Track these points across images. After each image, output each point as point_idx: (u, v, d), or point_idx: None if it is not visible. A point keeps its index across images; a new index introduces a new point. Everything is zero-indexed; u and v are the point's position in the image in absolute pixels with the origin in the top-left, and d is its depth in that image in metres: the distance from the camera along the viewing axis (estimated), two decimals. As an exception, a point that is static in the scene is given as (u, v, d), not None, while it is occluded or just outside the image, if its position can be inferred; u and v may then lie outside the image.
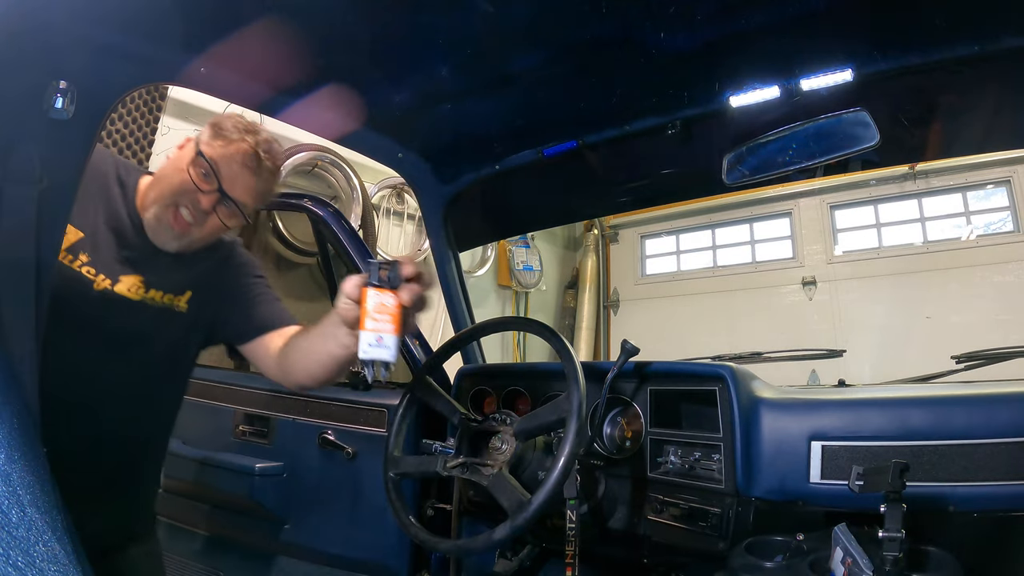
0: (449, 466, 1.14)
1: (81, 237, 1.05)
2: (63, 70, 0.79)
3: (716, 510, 1.17)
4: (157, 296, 1.12)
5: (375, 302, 0.82)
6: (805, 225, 5.02)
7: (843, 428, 1.10)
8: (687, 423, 1.31)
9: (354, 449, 1.67)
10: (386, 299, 0.83)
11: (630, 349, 1.26)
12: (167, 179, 1.09)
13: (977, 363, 1.45)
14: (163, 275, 1.13)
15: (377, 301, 0.82)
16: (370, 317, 0.81)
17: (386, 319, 0.82)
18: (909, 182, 4.54)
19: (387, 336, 0.82)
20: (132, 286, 1.09)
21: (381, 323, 0.82)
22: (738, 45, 1.09)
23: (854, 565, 0.86)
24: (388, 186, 4.05)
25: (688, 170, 1.51)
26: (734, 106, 1.23)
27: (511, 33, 1.06)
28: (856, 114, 1.15)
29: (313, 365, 1.08)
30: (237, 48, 0.99)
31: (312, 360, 1.07)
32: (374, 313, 0.81)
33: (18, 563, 0.33)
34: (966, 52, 1.04)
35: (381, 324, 0.82)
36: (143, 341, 1.11)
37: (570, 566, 1.13)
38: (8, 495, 0.36)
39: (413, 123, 1.40)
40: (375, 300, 0.82)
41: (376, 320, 0.81)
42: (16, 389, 0.47)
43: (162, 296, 1.13)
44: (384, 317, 0.82)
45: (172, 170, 1.09)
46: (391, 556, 1.62)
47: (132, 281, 1.09)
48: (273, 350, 1.18)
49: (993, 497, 0.98)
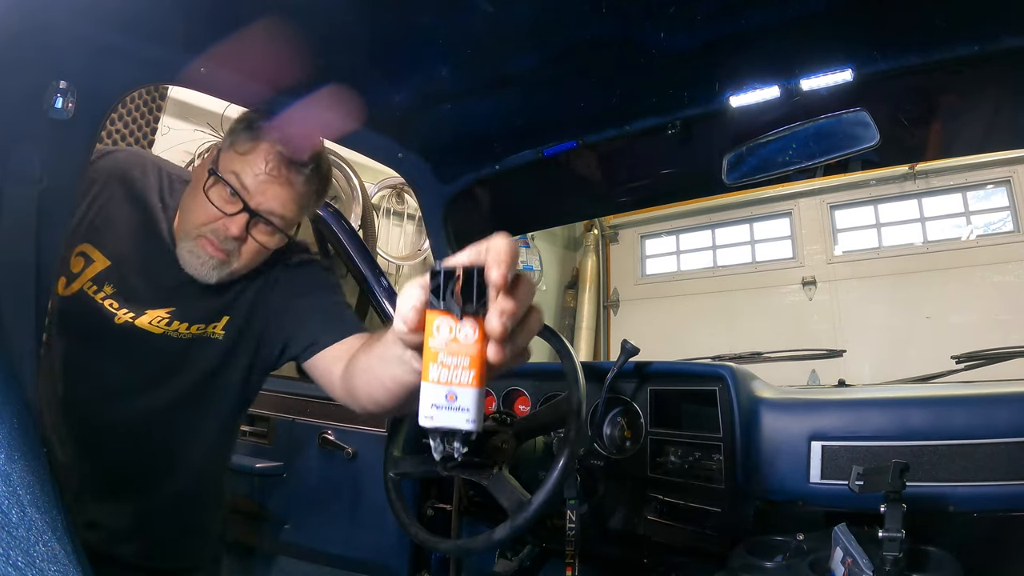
0: (449, 466, 1.14)
1: (107, 266, 0.97)
2: (63, 70, 0.79)
3: (716, 510, 1.17)
4: (182, 328, 1.00)
5: (444, 337, 0.49)
6: (805, 225, 5.02)
7: (843, 428, 1.10)
8: (687, 423, 1.31)
9: (354, 449, 1.67)
10: (463, 331, 0.49)
11: (630, 349, 1.26)
12: (189, 208, 0.97)
13: (977, 363, 1.45)
14: (193, 305, 1.01)
15: (447, 336, 0.49)
16: (437, 362, 0.49)
17: (462, 364, 0.49)
18: (909, 182, 4.54)
19: (464, 392, 0.49)
20: (155, 319, 0.98)
21: (454, 371, 0.50)
22: (738, 45, 1.08)
23: (854, 565, 0.86)
24: (388, 186, 4.05)
25: (688, 170, 1.51)
26: (734, 106, 1.23)
27: (511, 33, 1.05)
28: (856, 114, 1.15)
29: (378, 391, 0.81)
30: (237, 48, 0.99)
31: (376, 385, 0.81)
32: (444, 355, 0.49)
33: (18, 563, 0.33)
34: (966, 52, 1.04)
35: (454, 372, 0.50)
36: (171, 373, 1.01)
37: (570, 566, 1.13)
38: (8, 495, 0.36)
39: (413, 123, 1.39)
40: (445, 334, 0.49)
41: (446, 366, 0.49)
42: (16, 389, 0.47)
43: (188, 327, 1.01)
44: (459, 361, 0.49)
45: (192, 195, 0.97)
46: (391, 556, 1.62)
47: (156, 314, 0.99)
48: (336, 369, 0.96)
49: (993, 497, 0.98)
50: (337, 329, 1.01)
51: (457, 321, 0.48)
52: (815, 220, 4.98)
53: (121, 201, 1.00)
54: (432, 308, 0.48)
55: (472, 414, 0.49)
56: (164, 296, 0.99)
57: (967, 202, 4.44)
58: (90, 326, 0.95)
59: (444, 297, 0.48)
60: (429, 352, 0.49)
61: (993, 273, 4.17)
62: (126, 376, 0.98)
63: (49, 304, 0.78)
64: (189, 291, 1.00)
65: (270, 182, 0.93)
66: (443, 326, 0.49)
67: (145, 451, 1.01)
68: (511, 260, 0.46)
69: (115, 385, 0.98)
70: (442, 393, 0.49)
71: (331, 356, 0.98)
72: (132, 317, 0.97)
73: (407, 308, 0.50)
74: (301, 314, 1.04)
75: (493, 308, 0.47)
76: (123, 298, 0.97)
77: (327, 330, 1.01)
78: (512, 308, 0.46)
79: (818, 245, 4.94)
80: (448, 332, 0.49)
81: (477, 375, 0.48)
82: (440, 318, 0.48)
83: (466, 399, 0.49)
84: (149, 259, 0.99)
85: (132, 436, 0.99)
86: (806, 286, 4.90)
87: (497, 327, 0.46)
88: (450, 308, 0.48)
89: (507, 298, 0.47)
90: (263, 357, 1.08)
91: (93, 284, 0.95)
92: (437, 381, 0.49)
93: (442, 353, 0.49)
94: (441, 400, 0.49)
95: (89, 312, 0.94)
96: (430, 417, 0.49)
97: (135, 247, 0.98)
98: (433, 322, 0.49)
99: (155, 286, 0.99)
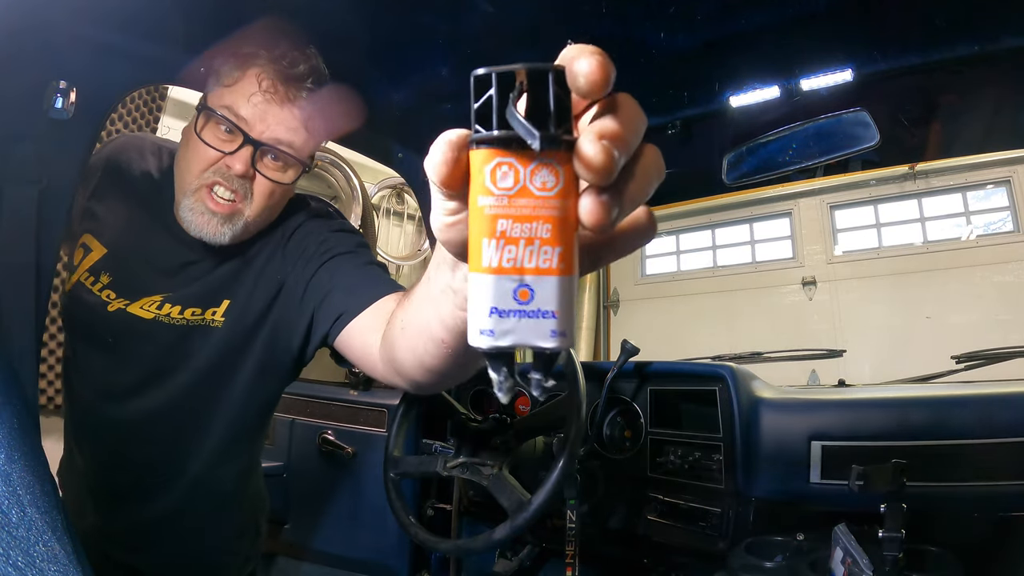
0: (449, 466, 1.14)
1: (104, 254, 0.90)
2: (63, 70, 0.79)
3: (716, 510, 1.17)
4: (174, 312, 0.88)
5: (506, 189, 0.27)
6: (805, 225, 5.02)
7: (843, 428, 1.10)
8: (687, 423, 1.31)
9: (354, 449, 1.67)
10: (538, 176, 0.27)
11: (630, 349, 1.26)
12: (184, 161, 0.85)
13: (977, 363, 1.45)
14: (188, 286, 0.90)
15: (510, 186, 0.27)
16: (496, 234, 0.27)
17: (540, 232, 0.27)
18: (909, 182, 4.55)
19: (544, 282, 0.27)
20: (147, 303, 0.89)
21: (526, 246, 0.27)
22: (738, 45, 1.08)
23: (854, 565, 0.86)
24: (388, 186, 4.05)
25: (688, 170, 1.51)
26: (734, 106, 1.23)
27: (511, 33, 1.05)
28: (856, 114, 1.15)
29: (427, 351, 0.56)
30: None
31: (422, 343, 0.56)
32: (506, 221, 0.27)
33: (18, 563, 0.33)
34: (966, 52, 1.04)
35: (527, 250, 0.27)
36: (165, 367, 0.90)
37: (570, 566, 1.13)
38: (8, 495, 0.36)
39: (413, 123, 1.39)
40: (506, 183, 0.27)
41: (511, 240, 0.27)
42: (16, 389, 0.47)
43: (181, 312, 0.89)
44: (535, 228, 0.27)
45: (185, 147, 0.86)
46: (391, 556, 1.62)
47: (150, 299, 0.89)
48: (373, 340, 0.76)
49: (993, 497, 0.98)
50: (368, 291, 0.81)
51: (528, 160, 0.27)
52: (815, 220, 4.98)
53: (118, 186, 0.95)
54: (481, 143, 0.27)
55: (561, 320, 0.28)
56: (161, 280, 0.90)
57: (967, 202, 4.44)
58: (86, 318, 0.90)
59: (498, 120, 0.27)
60: (481, 218, 0.27)
61: (993, 273, 4.17)
62: (119, 371, 0.90)
63: (50, 302, 0.78)
64: (186, 272, 0.90)
65: (269, 104, 0.80)
66: (503, 170, 0.27)
67: (137, 460, 0.93)
68: (603, 53, 0.28)
69: (109, 382, 0.91)
70: (509, 288, 0.27)
71: (365, 326, 0.79)
72: (125, 304, 0.88)
73: (437, 148, 0.28)
74: (322, 283, 0.86)
75: (589, 129, 0.27)
76: (119, 286, 0.89)
77: (355, 293, 0.82)
78: (619, 129, 0.27)
79: (818, 245, 4.94)
80: (512, 179, 0.27)
81: (566, 251, 0.27)
82: (497, 157, 0.27)
83: (548, 294, 0.27)
84: (146, 242, 0.90)
85: (123, 442, 0.91)
86: (806, 286, 4.90)
87: (597, 152, 0.26)
88: (511, 138, 0.27)
89: (610, 117, 0.28)
90: (281, 348, 0.91)
91: (90, 275, 0.90)
92: (498, 268, 0.27)
93: (503, 217, 0.27)
94: (507, 300, 0.27)
95: (86, 304, 0.89)
96: (489, 331, 0.28)
97: (131, 231, 0.90)
98: (486, 166, 0.27)
99: (152, 270, 0.90)
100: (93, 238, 0.93)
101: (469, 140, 0.28)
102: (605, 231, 0.28)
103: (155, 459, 0.94)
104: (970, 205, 4.44)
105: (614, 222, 0.28)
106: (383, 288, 0.81)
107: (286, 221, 0.93)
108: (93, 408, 0.93)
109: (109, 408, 0.91)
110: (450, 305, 0.45)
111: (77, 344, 0.94)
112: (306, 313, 0.88)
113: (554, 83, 0.27)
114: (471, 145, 0.28)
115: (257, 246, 0.91)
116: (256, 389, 0.94)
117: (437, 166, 0.28)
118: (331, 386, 1.84)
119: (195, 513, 0.98)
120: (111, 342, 0.89)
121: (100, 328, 0.89)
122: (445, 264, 0.41)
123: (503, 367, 0.30)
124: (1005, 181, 4.28)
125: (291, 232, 0.92)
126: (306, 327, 0.89)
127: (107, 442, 0.94)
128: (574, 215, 0.28)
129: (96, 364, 0.92)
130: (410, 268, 4.23)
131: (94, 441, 0.95)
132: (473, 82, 0.28)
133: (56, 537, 0.37)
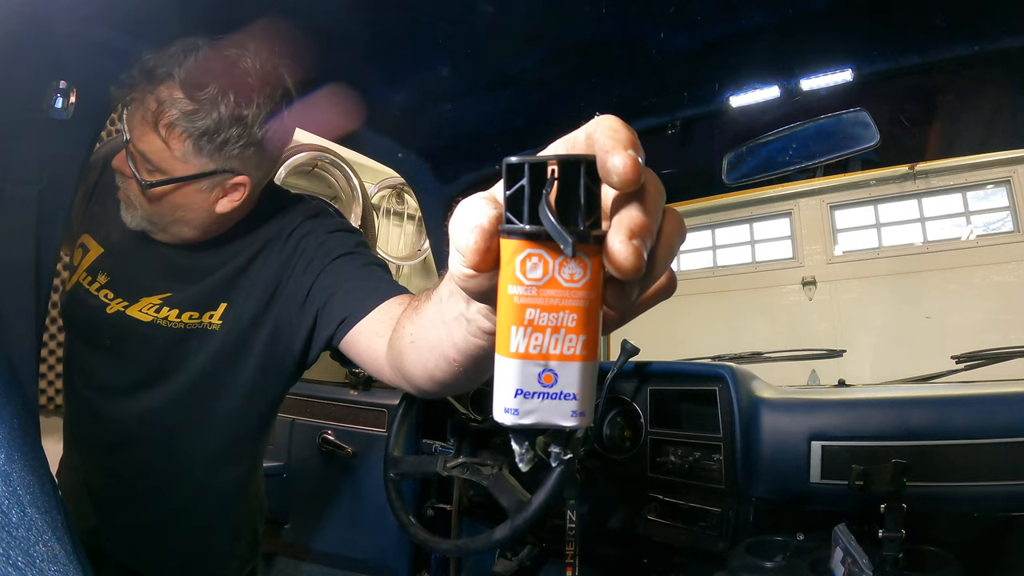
0: (449, 466, 1.14)
1: (101, 254, 0.90)
2: (63, 70, 0.79)
3: (716, 510, 1.17)
4: (172, 316, 0.89)
5: (535, 280, 0.28)
6: (805, 225, 5.03)
7: (843, 428, 1.10)
8: (687, 423, 1.31)
9: (354, 449, 1.67)
10: (567, 269, 0.28)
11: (630, 349, 1.26)
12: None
13: (977, 363, 1.45)
14: (185, 290, 0.90)
15: (540, 278, 0.28)
16: (524, 322, 0.28)
17: (566, 322, 0.28)
18: (909, 182, 4.55)
19: (568, 369, 0.29)
20: (146, 306, 0.89)
21: (552, 335, 0.28)
22: (738, 45, 1.08)
23: (854, 565, 0.86)
24: (388, 186, 4.05)
25: (688, 170, 1.51)
26: (734, 106, 1.23)
27: (511, 33, 1.05)
28: (856, 114, 1.15)
29: (436, 366, 0.59)
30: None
31: (433, 359, 0.58)
32: (535, 311, 0.28)
33: (18, 563, 0.33)
34: (966, 52, 1.04)
35: (553, 338, 0.28)
36: (164, 369, 0.90)
37: (570, 566, 1.13)
38: (8, 495, 0.36)
39: (413, 123, 1.39)
40: (536, 275, 0.28)
41: (539, 328, 0.28)
42: (16, 389, 0.47)
43: (179, 315, 0.89)
44: (561, 318, 0.28)
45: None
46: (391, 556, 1.62)
47: (149, 301, 0.89)
48: (379, 345, 0.76)
49: (993, 497, 0.98)
50: (371, 294, 0.80)
51: (558, 253, 0.28)
52: (815, 220, 4.99)
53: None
54: (511, 233, 0.28)
55: (582, 401, 0.29)
56: (158, 282, 0.89)
57: (967, 202, 4.45)
58: (85, 319, 0.91)
59: (530, 213, 0.28)
60: (510, 306, 0.28)
61: (993, 273, 4.17)
62: (118, 372, 0.91)
63: (50, 302, 0.78)
64: (181, 274, 0.90)
65: (135, 115, 0.79)
66: (533, 261, 0.28)
67: (137, 461, 0.93)
68: (635, 142, 0.28)
69: (108, 382, 0.92)
70: (534, 372, 0.29)
71: (370, 330, 0.78)
72: (124, 306, 0.88)
73: (468, 232, 0.29)
74: (324, 285, 0.85)
75: (617, 224, 0.28)
76: (116, 286, 0.89)
77: (359, 297, 0.81)
78: (645, 221, 0.28)
79: (818, 245, 4.94)
80: (542, 271, 0.28)
81: (589, 339, 0.28)
82: (527, 248, 0.28)
83: (570, 379, 0.29)
84: (143, 242, 0.89)
85: (123, 443, 0.92)
86: (806, 286, 4.90)
87: (627, 254, 0.27)
88: (540, 232, 0.27)
89: (636, 205, 0.28)
90: (282, 350, 0.91)
91: (88, 275, 0.90)
92: (525, 354, 0.28)
93: (532, 307, 0.28)
94: (532, 383, 0.29)
95: (85, 304, 0.89)
96: (514, 411, 0.29)
97: (129, 231, 0.88)
98: (516, 256, 0.28)
99: (149, 271, 0.90)
100: (91, 238, 0.93)
101: (500, 229, 0.29)
102: (627, 316, 0.31)
103: (154, 460, 0.94)
104: (970, 205, 4.44)
105: (636, 307, 0.31)
106: (386, 290, 0.82)
107: (284, 222, 0.92)
108: (93, 408, 0.93)
109: (109, 409, 0.92)
110: (463, 332, 0.45)
111: (77, 344, 0.95)
112: (308, 316, 0.87)
113: (585, 174, 0.28)
114: (502, 233, 0.29)
115: (254, 248, 0.91)
116: (256, 391, 0.94)
117: (469, 254, 0.29)
118: (331, 386, 1.84)
119: (195, 514, 0.98)
120: (110, 343, 0.90)
121: (99, 329, 0.90)
122: (459, 295, 0.40)
123: (525, 441, 0.33)
124: (1005, 181, 4.28)
125: (288, 233, 0.91)
126: (308, 330, 0.88)
127: (107, 443, 0.94)
128: (599, 302, 0.29)
129: (95, 364, 0.93)
130: (410, 268, 4.22)
131: (94, 442, 0.95)
132: (505, 169, 0.29)
133: (56, 537, 0.37)
